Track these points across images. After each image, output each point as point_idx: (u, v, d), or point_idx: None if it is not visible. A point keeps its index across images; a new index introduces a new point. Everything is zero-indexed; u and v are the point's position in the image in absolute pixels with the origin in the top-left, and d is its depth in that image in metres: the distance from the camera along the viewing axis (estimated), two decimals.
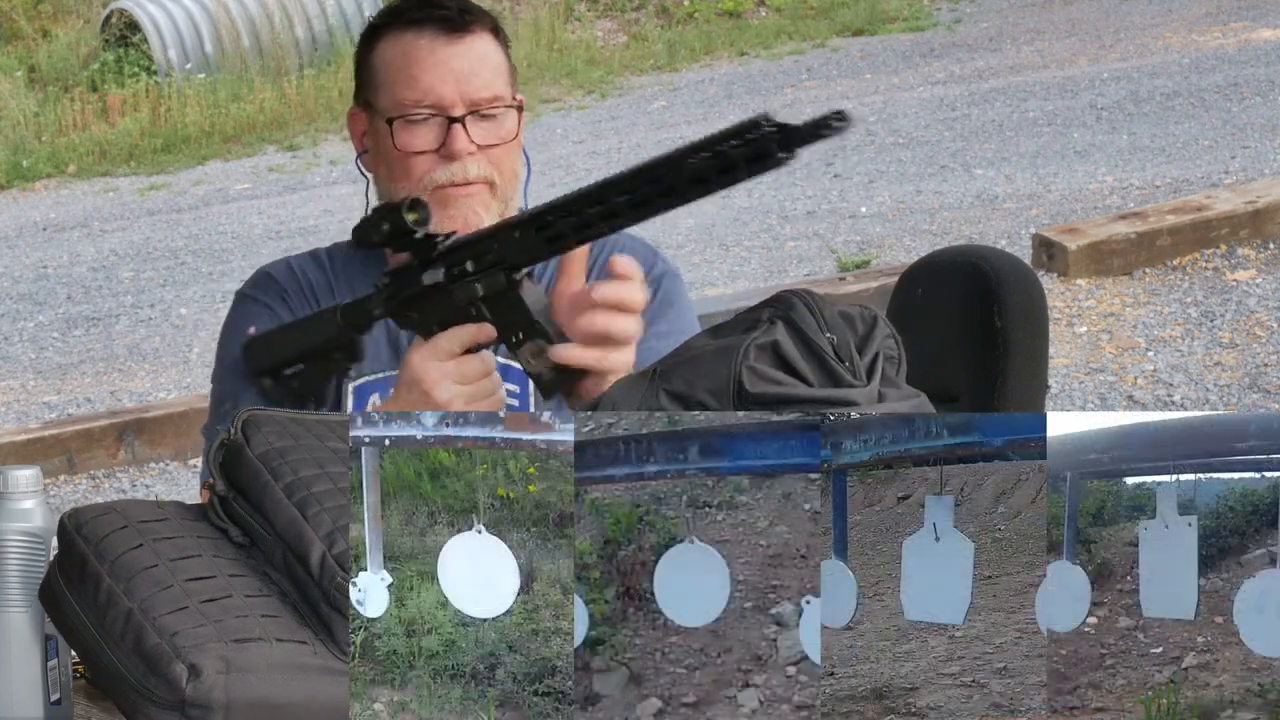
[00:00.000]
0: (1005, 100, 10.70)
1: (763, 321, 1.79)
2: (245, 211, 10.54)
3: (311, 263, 2.46)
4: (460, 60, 2.31)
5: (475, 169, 2.29)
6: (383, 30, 2.36)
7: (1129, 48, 11.97)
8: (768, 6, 15.08)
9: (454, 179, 2.29)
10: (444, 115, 2.29)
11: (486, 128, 2.31)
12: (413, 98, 2.30)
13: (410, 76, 2.30)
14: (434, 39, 2.31)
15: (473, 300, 2.05)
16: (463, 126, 2.28)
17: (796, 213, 8.73)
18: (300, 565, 1.68)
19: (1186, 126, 9.37)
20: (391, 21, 2.36)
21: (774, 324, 1.78)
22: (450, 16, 2.32)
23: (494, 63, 2.34)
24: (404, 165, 2.30)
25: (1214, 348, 6.13)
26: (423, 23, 2.32)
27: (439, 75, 2.29)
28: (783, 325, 1.77)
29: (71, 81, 14.01)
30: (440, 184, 2.29)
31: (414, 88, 2.30)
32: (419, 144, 2.29)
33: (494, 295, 2.04)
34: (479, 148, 2.29)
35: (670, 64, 13.79)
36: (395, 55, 2.33)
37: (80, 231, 10.56)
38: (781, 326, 1.77)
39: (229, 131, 12.90)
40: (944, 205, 8.48)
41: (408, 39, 2.32)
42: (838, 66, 12.88)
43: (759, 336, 1.77)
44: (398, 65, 2.32)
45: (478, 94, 2.30)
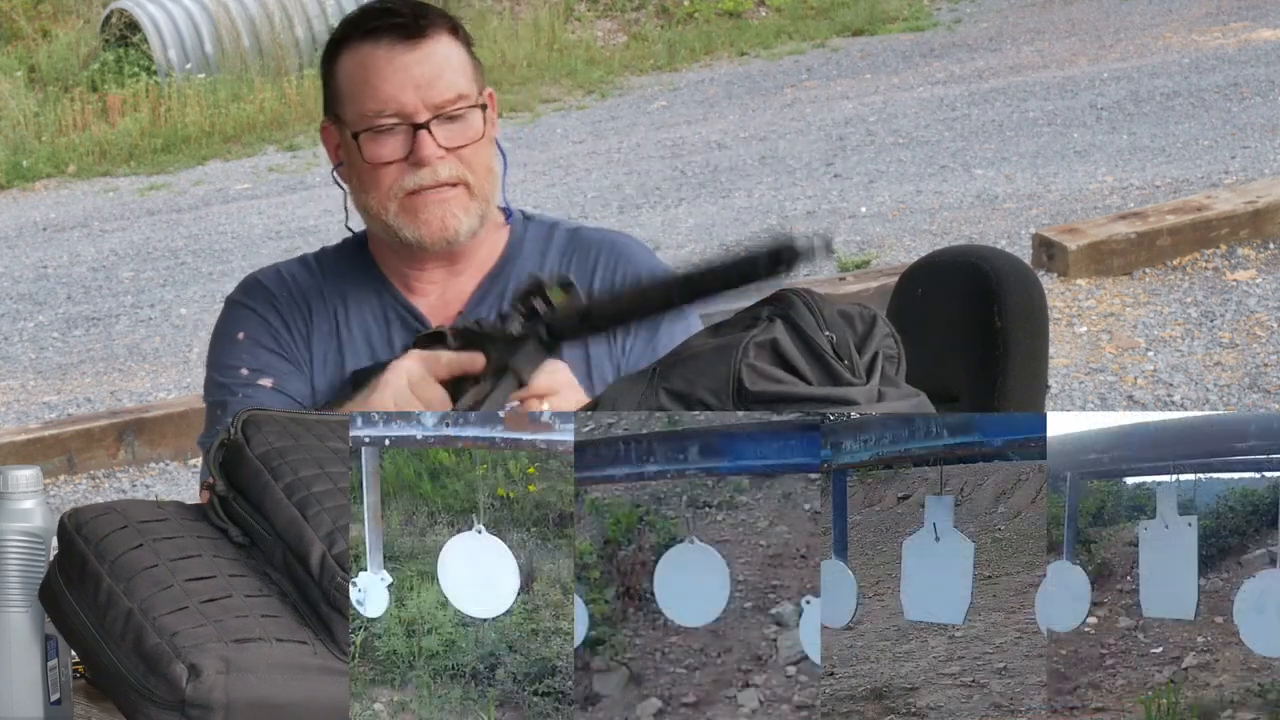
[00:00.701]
0: (1005, 100, 10.70)
1: (762, 319, 1.79)
2: (245, 211, 10.54)
3: (301, 268, 2.47)
4: (420, 66, 2.30)
5: (446, 171, 2.30)
6: (342, 43, 2.36)
7: (1129, 48, 11.97)
8: (768, 6, 15.07)
9: (423, 183, 2.30)
10: (408, 123, 2.29)
11: (453, 129, 2.31)
12: (375, 108, 2.30)
13: (371, 87, 2.30)
14: (391, 47, 2.31)
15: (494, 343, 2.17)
16: (428, 132, 2.29)
17: (796, 213, 8.73)
18: (300, 565, 1.68)
19: (1186, 126, 9.37)
20: (350, 33, 2.36)
21: (773, 322, 1.78)
22: (405, 23, 2.32)
23: (455, 63, 2.34)
24: (374, 176, 2.31)
25: (1214, 348, 6.13)
26: (379, 32, 2.32)
27: (399, 83, 2.29)
28: (782, 323, 1.78)
29: (71, 81, 14.00)
30: (410, 190, 2.30)
31: (376, 98, 2.30)
32: (386, 154, 2.30)
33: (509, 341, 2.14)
34: (447, 150, 2.30)
35: (670, 64, 13.78)
36: (355, 67, 2.33)
37: (80, 231, 10.56)
38: (781, 324, 1.77)
39: (229, 131, 12.89)
40: (944, 205, 8.47)
41: (366, 50, 2.32)
42: (838, 66, 12.87)
43: (758, 334, 1.77)
44: (359, 77, 2.32)
45: (440, 97, 2.30)
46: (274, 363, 2.38)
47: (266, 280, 2.45)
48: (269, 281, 2.45)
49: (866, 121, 10.63)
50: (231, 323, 2.43)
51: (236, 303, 2.45)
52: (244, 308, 2.43)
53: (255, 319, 2.40)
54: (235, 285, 2.48)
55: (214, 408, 2.39)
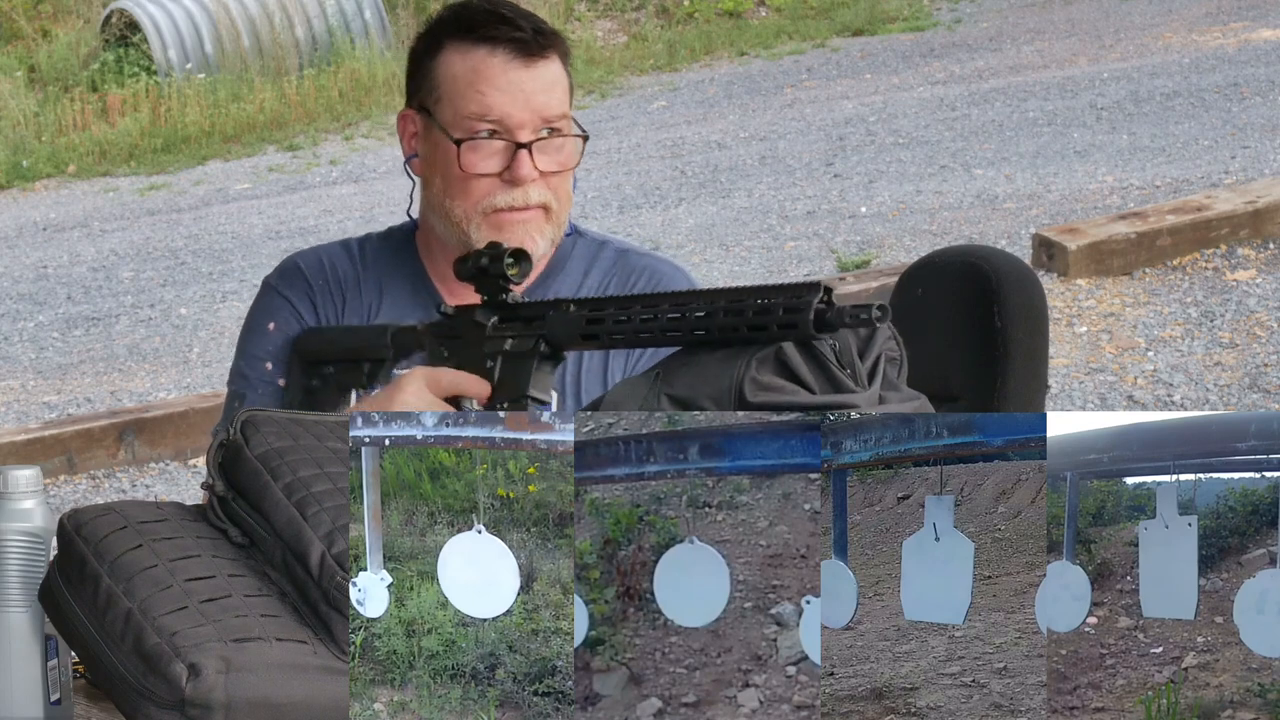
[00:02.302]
0: (1005, 100, 10.70)
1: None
2: (245, 211, 10.54)
3: (343, 254, 2.43)
4: (533, 83, 2.28)
5: (536, 195, 2.28)
6: (448, 40, 2.31)
7: (1129, 48, 11.97)
8: (768, 6, 15.08)
9: (514, 204, 2.28)
10: (511, 140, 2.27)
11: (550, 153, 2.29)
12: (479, 114, 2.27)
13: (480, 94, 2.27)
14: (508, 60, 2.27)
15: (496, 352, 2.07)
16: (529, 153, 2.26)
17: (796, 213, 8.73)
18: (300, 565, 1.68)
19: (1186, 126, 9.37)
20: (459, 33, 2.31)
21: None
22: (526, 39, 2.28)
23: (562, 88, 2.32)
24: (465, 185, 2.29)
25: (1214, 348, 6.13)
26: (496, 41, 2.28)
27: (511, 98, 2.27)
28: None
29: (71, 81, 14.01)
30: (500, 208, 2.28)
31: (483, 105, 2.27)
32: (484, 167, 2.27)
33: (514, 355, 2.06)
34: (541, 173, 2.28)
35: (670, 64, 13.79)
36: (464, 70, 2.29)
37: (80, 231, 10.56)
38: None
39: (229, 131, 12.90)
40: (944, 205, 8.48)
41: (479, 55, 2.28)
42: (838, 66, 12.88)
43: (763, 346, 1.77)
44: (466, 81, 2.28)
45: (546, 119, 2.28)
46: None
47: (306, 266, 2.41)
48: (308, 268, 2.41)
49: (866, 121, 10.64)
50: (265, 309, 2.40)
51: (272, 288, 2.41)
52: (279, 295, 2.40)
53: (288, 310, 2.38)
54: (242, 282, 2.46)
55: (233, 398, 2.37)
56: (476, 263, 2.10)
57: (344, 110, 13.00)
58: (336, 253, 2.43)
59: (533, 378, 2.04)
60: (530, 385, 2.04)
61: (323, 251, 2.44)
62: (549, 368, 2.06)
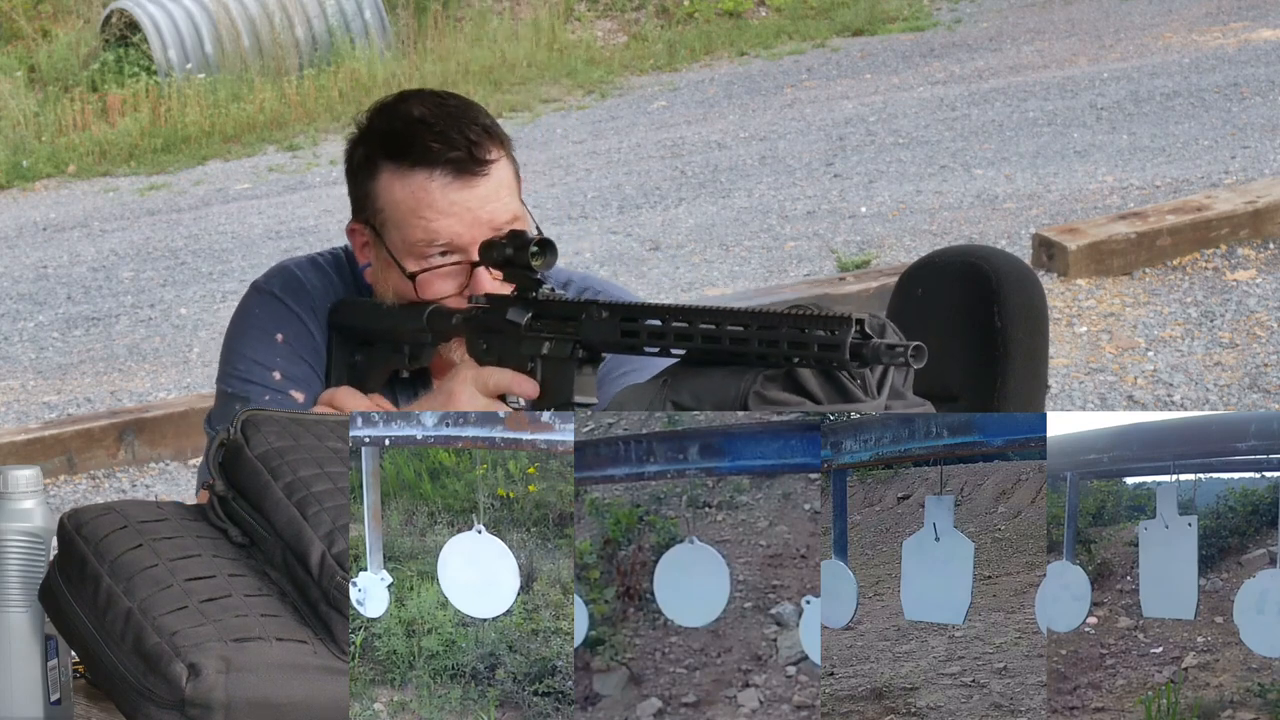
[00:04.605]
0: (1005, 100, 10.70)
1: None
2: (245, 211, 10.54)
3: (315, 272, 2.39)
4: (477, 201, 2.22)
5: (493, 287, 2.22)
6: (384, 162, 2.25)
7: (1129, 48, 11.97)
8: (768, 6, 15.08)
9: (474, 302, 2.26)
10: (466, 259, 2.22)
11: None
12: (427, 239, 2.22)
13: (424, 221, 2.22)
14: (447, 183, 2.22)
15: (535, 355, 2.09)
16: (485, 268, 2.20)
17: (796, 213, 8.72)
18: (300, 565, 1.68)
19: (1186, 126, 9.37)
20: (394, 157, 2.24)
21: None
22: (462, 159, 2.22)
23: (507, 188, 2.26)
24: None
25: (1214, 348, 6.13)
26: (433, 164, 2.21)
27: (458, 219, 2.22)
28: None
29: (71, 81, 14.00)
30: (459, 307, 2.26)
31: (430, 233, 2.22)
32: (442, 289, 2.24)
33: (554, 360, 2.07)
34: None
35: (670, 64, 13.78)
36: (405, 197, 2.23)
37: (80, 231, 10.56)
38: None
39: (229, 131, 12.90)
40: (944, 205, 8.47)
41: (418, 181, 2.22)
42: (838, 66, 12.87)
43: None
44: (408, 208, 2.23)
45: (496, 223, 2.22)
46: (309, 376, 2.31)
47: (306, 279, 2.37)
48: (308, 281, 2.36)
49: (866, 121, 10.64)
50: (268, 318, 2.33)
51: (274, 297, 2.35)
52: (284, 306, 2.34)
53: (297, 325, 2.33)
54: (243, 281, 2.44)
55: (233, 399, 2.31)
56: (502, 252, 2.12)
57: (344, 110, 12.99)
58: (310, 270, 2.39)
59: (575, 382, 2.05)
60: (575, 390, 2.06)
61: (308, 265, 2.39)
62: (590, 370, 2.07)
